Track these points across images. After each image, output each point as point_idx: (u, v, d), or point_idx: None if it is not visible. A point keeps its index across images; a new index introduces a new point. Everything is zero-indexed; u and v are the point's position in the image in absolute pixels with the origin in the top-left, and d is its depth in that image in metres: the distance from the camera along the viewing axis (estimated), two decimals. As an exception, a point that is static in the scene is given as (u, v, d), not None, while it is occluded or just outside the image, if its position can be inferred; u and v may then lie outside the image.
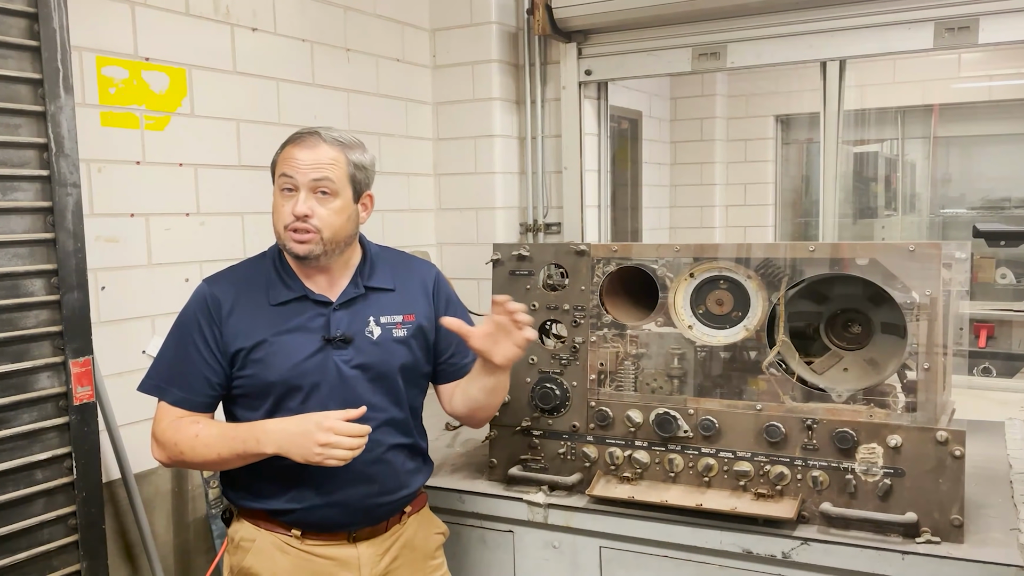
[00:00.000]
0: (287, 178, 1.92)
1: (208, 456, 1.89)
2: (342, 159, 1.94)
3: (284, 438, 1.82)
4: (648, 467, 2.25)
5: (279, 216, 1.93)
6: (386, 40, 3.50)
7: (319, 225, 1.90)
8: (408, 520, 2.10)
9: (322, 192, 1.91)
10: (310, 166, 1.91)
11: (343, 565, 1.98)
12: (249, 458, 1.87)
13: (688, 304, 2.26)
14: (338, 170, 1.93)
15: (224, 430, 1.91)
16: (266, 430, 1.85)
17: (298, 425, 1.83)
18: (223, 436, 1.88)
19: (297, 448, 1.81)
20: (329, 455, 1.79)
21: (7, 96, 1.94)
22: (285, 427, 1.84)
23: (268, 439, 1.83)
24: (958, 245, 2.10)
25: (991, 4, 2.89)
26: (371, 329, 2.00)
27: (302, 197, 1.90)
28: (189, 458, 1.91)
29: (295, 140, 1.95)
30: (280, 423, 1.86)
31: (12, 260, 1.96)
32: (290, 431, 1.83)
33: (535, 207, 3.75)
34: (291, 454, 1.82)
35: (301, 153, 1.92)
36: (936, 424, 1.98)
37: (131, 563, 2.54)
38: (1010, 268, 5.77)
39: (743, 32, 3.29)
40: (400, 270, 2.13)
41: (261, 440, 1.84)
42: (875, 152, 6.50)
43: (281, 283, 1.99)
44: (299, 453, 1.81)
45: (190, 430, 1.90)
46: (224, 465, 1.92)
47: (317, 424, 1.80)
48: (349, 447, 1.80)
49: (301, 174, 1.91)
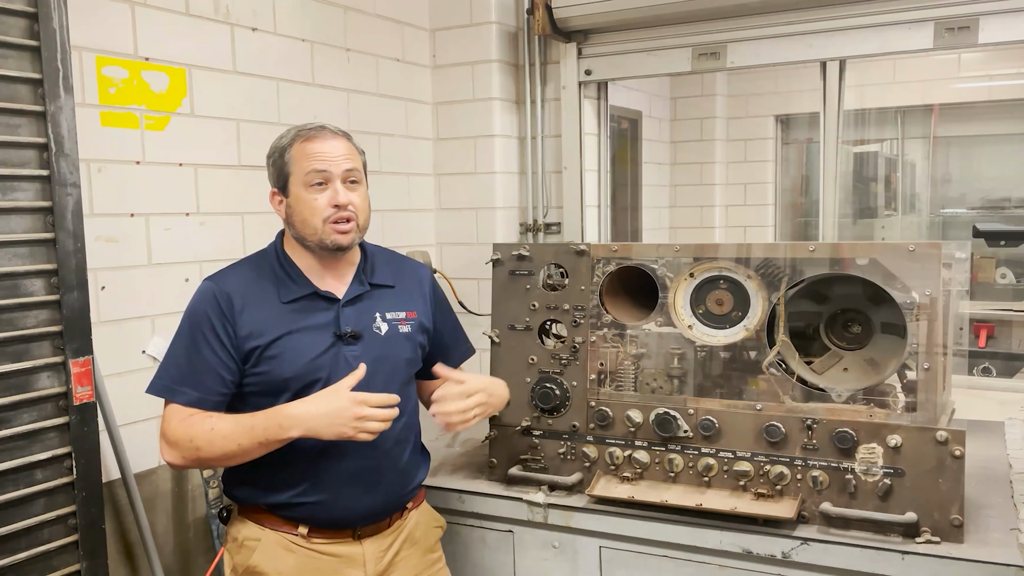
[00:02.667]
0: (320, 172, 1.93)
1: (228, 448, 1.86)
2: (353, 148, 2.02)
3: (312, 419, 1.82)
4: (648, 467, 2.25)
5: (313, 211, 1.93)
6: (386, 40, 3.50)
7: (356, 212, 1.96)
8: (409, 515, 2.13)
9: (351, 181, 1.97)
10: (340, 157, 1.95)
11: (348, 562, 2.00)
12: (272, 445, 1.86)
13: (688, 304, 2.26)
14: (357, 159, 2.01)
15: (240, 420, 1.89)
16: (289, 414, 1.84)
17: (328, 404, 1.83)
18: (241, 426, 1.86)
19: (329, 426, 1.82)
20: (364, 428, 1.82)
21: (7, 96, 1.94)
22: (310, 408, 1.84)
23: (292, 423, 1.83)
24: (958, 245, 2.10)
25: (991, 4, 2.89)
26: (378, 325, 2.03)
27: (339, 187, 1.93)
28: (206, 453, 1.88)
29: (309, 135, 1.96)
30: (303, 405, 1.86)
31: (12, 260, 1.96)
32: (320, 412, 1.83)
33: (535, 207, 3.75)
34: (320, 433, 1.82)
35: (325, 146, 1.94)
36: (936, 424, 1.98)
37: (131, 563, 2.54)
38: (1010, 268, 5.77)
39: (743, 32, 3.28)
40: (396, 268, 2.17)
41: (284, 425, 1.83)
42: (875, 152, 6.50)
43: (289, 280, 2.00)
44: (331, 431, 1.82)
45: (204, 424, 1.88)
46: (244, 456, 1.89)
47: (351, 399, 1.82)
48: (383, 418, 1.83)
49: (335, 166, 1.94)
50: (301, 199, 1.95)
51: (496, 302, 2.46)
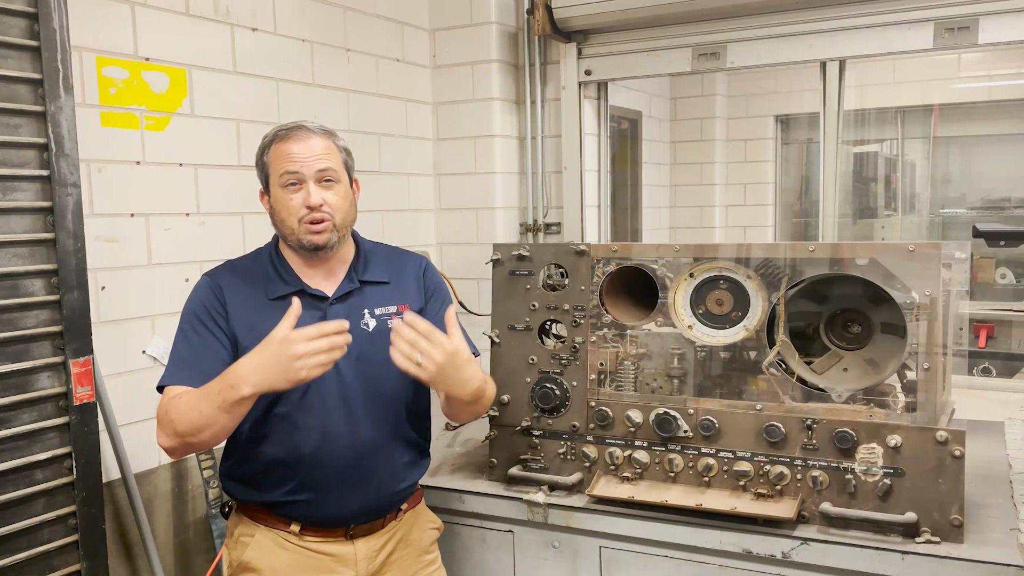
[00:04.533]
0: (291, 174, 1.92)
1: (193, 416, 1.78)
2: (333, 146, 1.99)
3: (258, 372, 1.73)
4: (648, 467, 2.25)
5: (288, 211, 1.93)
6: (386, 40, 3.50)
7: (332, 212, 1.94)
8: (404, 516, 2.11)
9: (326, 180, 1.95)
10: (312, 157, 1.93)
11: (340, 561, 2.00)
12: (233, 408, 1.76)
13: (688, 304, 2.26)
14: (335, 157, 1.98)
15: (204, 387, 1.81)
16: (235, 372, 1.76)
17: (264, 350, 1.74)
18: (202, 392, 1.80)
19: (275, 374, 1.72)
20: (313, 363, 1.71)
21: (7, 96, 1.94)
22: (252, 360, 1.75)
23: (241, 380, 1.74)
24: (958, 245, 2.10)
25: (991, 4, 2.89)
26: (366, 321, 2.02)
27: (312, 188, 1.92)
28: (180, 427, 1.80)
29: (284, 136, 1.95)
30: (246, 361, 1.76)
31: (12, 260, 1.96)
32: (261, 362, 1.73)
33: (535, 207, 3.75)
34: (274, 385, 1.74)
35: (297, 147, 1.93)
36: (936, 424, 1.98)
37: (131, 563, 2.54)
38: (1010, 268, 5.76)
39: (743, 32, 3.29)
40: (394, 263, 2.15)
41: (235, 384, 1.74)
42: (875, 152, 6.50)
43: (278, 278, 2.00)
44: (280, 377, 1.72)
45: (179, 397, 1.83)
46: (213, 426, 1.79)
47: (283, 340, 1.71)
48: (328, 347, 1.72)
49: (306, 166, 1.92)
50: (278, 199, 1.95)
51: (496, 302, 2.46)
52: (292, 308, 1.77)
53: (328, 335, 1.73)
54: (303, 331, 1.73)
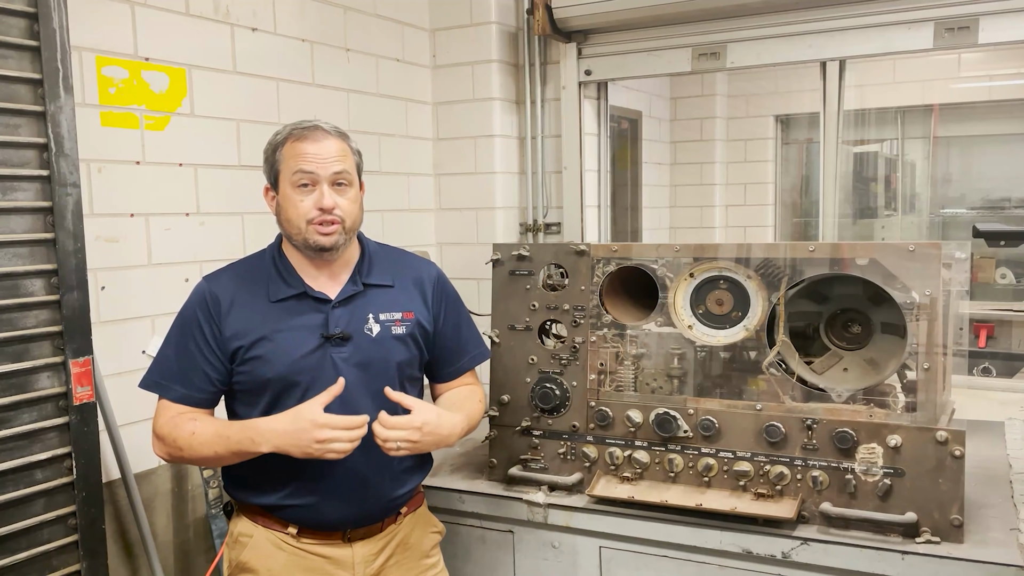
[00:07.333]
0: (305, 174, 1.92)
1: (205, 454, 1.91)
2: (347, 149, 1.99)
3: (279, 437, 1.83)
4: (648, 467, 2.25)
5: (298, 211, 1.93)
6: (386, 40, 3.50)
7: (342, 215, 1.94)
8: (404, 520, 2.11)
9: (339, 183, 1.95)
10: (328, 159, 1.93)
11: (337, 564, 2.00)
12: (246, 456, 1.89)
13: (688, 304, 2.26)
14: (349, 161, 1.98)
15: (219, 429, 1.91)
16: (259, 430, 1.85)
17: (292, 423, 1.82)
18: (218, 435, 1.89)
19: (294, 445, 1.82)
20: (328, 449, 1.80)
21: (7, 96, 1.94)
22: (275, 426, 1.84)
23: (263, 439, 1.84)
24: (958, 245, 2.10)
25: (991, 4, 2.89)
26: (370, 327, 2.00)
27: (325, 190, 1.92)
28: (187, 455, 1.93)
29: (301, 135, 1.94)
30: (271, 422, 1.86)
31: (12, 260, 1.96)
32: (285, 430, 1.82)
33: (535, 207, 3.74)
34: (288, 451, 1.83)
35: (313, 147, 1.93)
36: (936, 424, 1.98)
37: (131, 563, 2.54)
38: (1010, 268, 5.76)
39: (743, 32, 3.28)
40: (399, 267, 2.13)
41: (256, 440, 1.85)
42: (875, 152, 6.49)
43: (281, 280, 1.99)
44: (297, 450, 1.82)
45: (187, 427, 1.91)
46: (222, 462, 1.94)
47: (312, 423, 1.80)
48: (348, 439, 1.81)
49: (322, 168, 1.92)
50: (288, 198, 1.94)
51: (496, 302, 2.47)
52: (335, 387, 1.85)
53: (353, 429, 1.82)
54: (332, 419, 1.81)
